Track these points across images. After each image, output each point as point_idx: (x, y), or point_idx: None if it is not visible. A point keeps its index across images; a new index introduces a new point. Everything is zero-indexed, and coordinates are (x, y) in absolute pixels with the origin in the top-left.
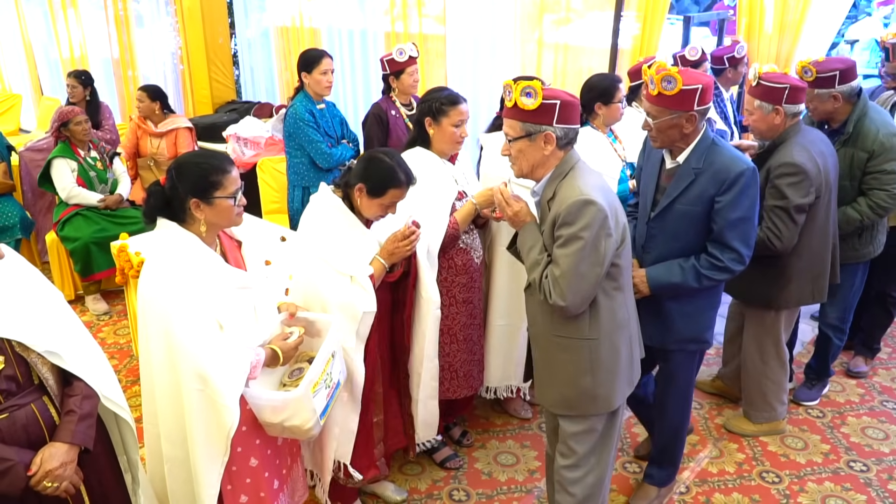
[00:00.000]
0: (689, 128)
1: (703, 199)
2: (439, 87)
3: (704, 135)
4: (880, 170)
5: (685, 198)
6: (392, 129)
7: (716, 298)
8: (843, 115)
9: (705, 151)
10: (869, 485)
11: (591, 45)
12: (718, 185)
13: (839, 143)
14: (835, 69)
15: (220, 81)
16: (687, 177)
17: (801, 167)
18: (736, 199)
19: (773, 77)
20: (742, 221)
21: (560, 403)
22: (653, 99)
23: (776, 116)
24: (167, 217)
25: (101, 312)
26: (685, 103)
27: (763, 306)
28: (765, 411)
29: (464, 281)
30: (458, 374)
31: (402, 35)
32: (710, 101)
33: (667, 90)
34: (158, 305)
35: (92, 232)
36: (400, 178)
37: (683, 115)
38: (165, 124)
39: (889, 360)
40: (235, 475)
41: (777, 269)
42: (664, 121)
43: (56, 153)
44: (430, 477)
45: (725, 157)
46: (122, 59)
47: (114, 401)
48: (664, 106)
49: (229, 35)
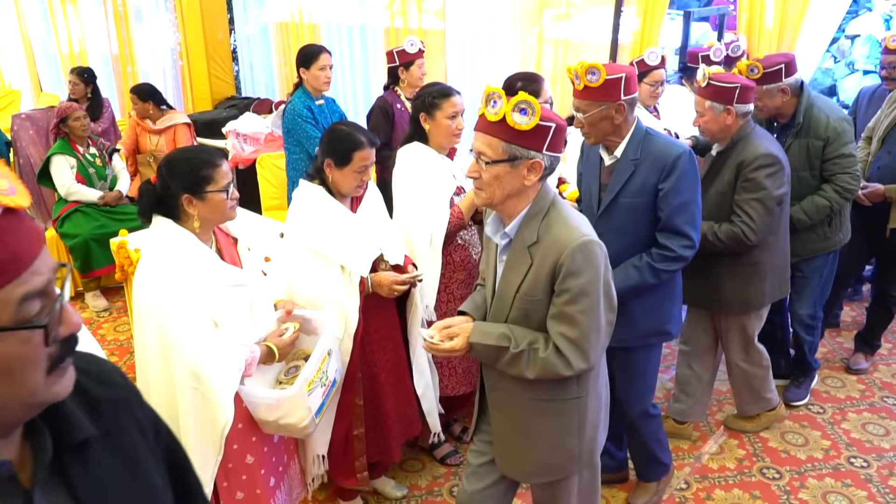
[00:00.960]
0: (620, 118)
1: (645, 190)
2: (431, 82)
3: (638, 126)
4: (839, 154)
5: (628, 191)
6: (397, 122)
7: (674, 290)
8: (790, 108)
9: (641, 142)
10: (870, 481)
11: (591, 40)
12: (659, 172)
13: (791, 136)
14: (780, 63)
15: (220, 77)
16: (627, 169)
17: (777, 158)
18: (677, 184)
19: (723, 77)
20: (687, 205)
21: (539, 472)
22: (580, 94)
23: (728, 116)
24: (161, 215)
25: (100, 309)
26: (612, 93)
27: (742, 311)
28: (759, 403)
29: (462, 277)
30: (457, 370)
31: (402, 31)
32: (636, 90)
33: (592, 82)
34: (153, 303)
35: (91, 228)
36: (360, 139)
37: (612, 106)
38: (164, 121)
39: (889, 356)
40: (231, 472)
41: (751, 268)
42: (594, 114)
43: (55, 150)
44: (431, 473)
45: (661, 144)
46: (121, 54)
47: None
48: (592, 99)
49: (228, 31)
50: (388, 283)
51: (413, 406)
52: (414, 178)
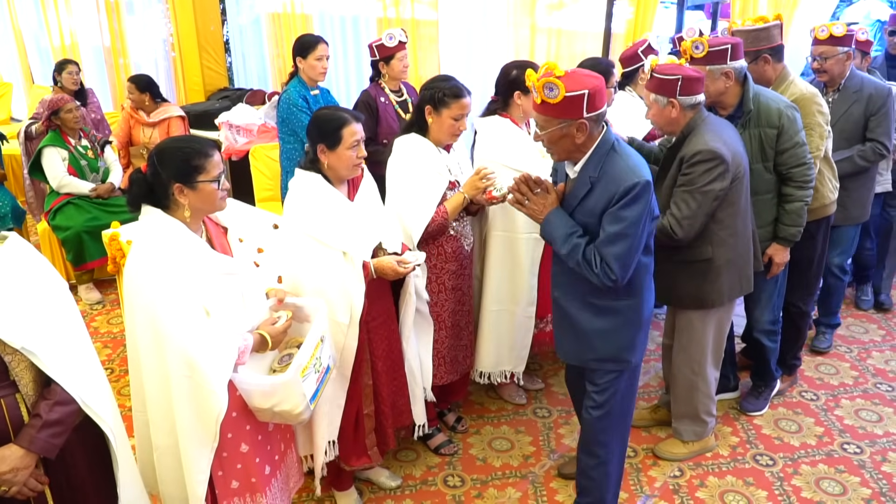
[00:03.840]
0: (581, 137)
1: (595, 213)
2: (445, 75)
3: (604, 139)
4: (792, 144)
5: (582, 209)
6: (381, 116)
7: (635, 316)
8: (733, 97)
9: (603, 158)
10: (863, 467)
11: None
12: (609, 197)
13: (740, 126)
14: (726, 44)
15: (212, 69)
16: (583, 187)
17: (716, 152)
18: (621, 213)
19: (666, 69)
20: (622, 237)
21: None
22: (537, 108)
23: (672, 110)
24: (151, 204)
25: (93, 302)
26: (572, 111)
27: (693, 307)
28: (696, 426)
29: (453, 268)
30: (445, 359)
31: (395, 21)
32: (604, 104)
33: (550, 98)
34: (144, 293)
35: (84, 221)
36: (344, 116)
37: (573, 124)
38: (157, 113)
39: (883, 342)
40: (226, 461)
41: (705, 264)
42: (553, 131)
43: (46, 142)
44: (425, 463)
45: (620, 167)
46: (112, 46)
47: (94, 410)
48: (550, 115)
49: (221, 22)
50: (389, 266)
51: (405, 395)
52: (408, 171)
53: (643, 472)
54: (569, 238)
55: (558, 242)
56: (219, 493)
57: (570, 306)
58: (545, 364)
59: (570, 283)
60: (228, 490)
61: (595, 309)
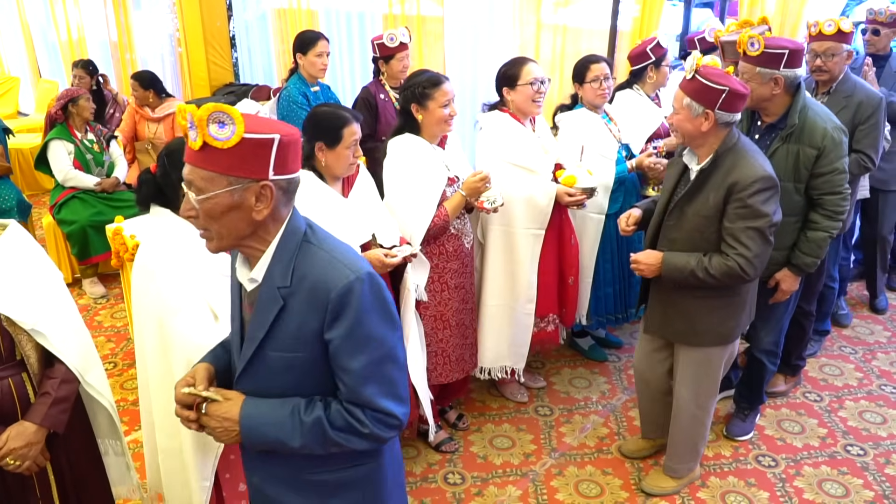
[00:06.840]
0: (707, 125)
1: (304, 340)
2: (417, 71)
3: (289, 231)
4: (831, 169)
5: (273, 340)
6: (381, 113)
7: (742, 297)
8: (779, 106)
9: (293, 259)
10: (866, 469)
11: (590, 26)
12: (319, 312)
13: (780, 139)
14: (784, 47)
15: (218, 64)
16: (272, 304)
17: (774, 179)
18: (354, 334)
19: (713, 75)
20: (378, 365)
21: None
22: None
23: (705, 122)
24: (160, 205)
25: (98, 296)
26: (254, 168)
27: (713, 343)
28: (691, 462)
29: (455, 266)
30: (451, 358)
31: (400, 17)
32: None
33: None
34: (152, 293)
35: (89, 215)
36: (346, 115)
37: (250, 188)
38: (162, 109)
39: (888, 343)
40: (233, 463)
41: (730, 297)
42: (217, 203)
43: (53, 135)
44: (426, 460)
45: (319, 268)
46: (119, 41)
47: (94, 387)
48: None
49: (227, 17)
50: (375, 258)
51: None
52: (405, 173)
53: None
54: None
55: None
56: (226, 495)
57: None
58: (547, 362)
59: None
60: (236, 493)
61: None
